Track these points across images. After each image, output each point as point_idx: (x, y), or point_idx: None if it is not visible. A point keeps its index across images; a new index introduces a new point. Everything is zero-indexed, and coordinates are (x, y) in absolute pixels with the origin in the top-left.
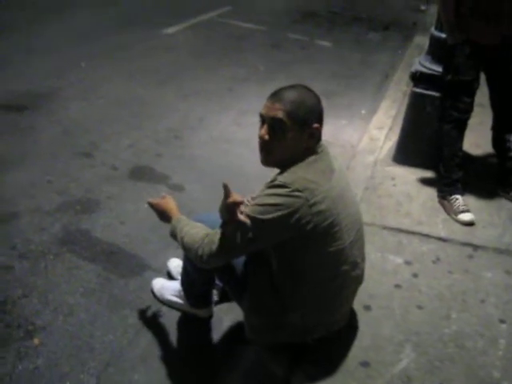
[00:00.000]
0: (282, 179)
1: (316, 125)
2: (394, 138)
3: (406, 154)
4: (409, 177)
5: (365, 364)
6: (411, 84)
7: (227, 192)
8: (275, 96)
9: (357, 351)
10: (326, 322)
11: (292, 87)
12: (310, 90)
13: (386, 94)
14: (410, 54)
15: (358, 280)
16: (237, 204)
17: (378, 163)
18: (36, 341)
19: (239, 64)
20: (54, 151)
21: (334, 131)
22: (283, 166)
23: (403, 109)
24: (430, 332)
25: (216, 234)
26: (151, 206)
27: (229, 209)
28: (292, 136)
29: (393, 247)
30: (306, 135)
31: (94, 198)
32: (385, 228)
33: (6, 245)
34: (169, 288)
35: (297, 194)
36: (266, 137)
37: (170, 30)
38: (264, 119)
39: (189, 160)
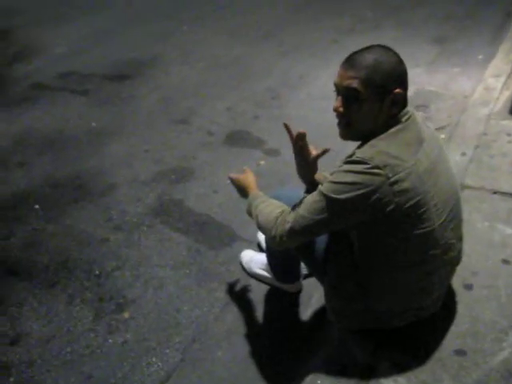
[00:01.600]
0: (360, 154)
1: (398, 89)
2: None
3: None
4: None
5: (460, 352)
6: None
7: (289, 131)
8: (348, 62)
9: (451, 337)
10: (414, 307)
11: (366, 49)
12: (388, 50)
13: (506, 35)
14: None
15: (453, 262)
16: (301, 136)
17: (493, 116)
18: (126, 314)
19: (343, 13)
20: (152, 119)
21: (446, 81)
22: (364, 139)
23: None
24: None
25: (289, 214)
26: (231, 181)
27: (298, 145)
28: (370, 106)
29: (504, 215)
30: (386, 103)
31: (189, 166)
32: (496, 193)
33: (104, 217)
34: (257, 261)
35: (376, 171)
36: (341, 109)
37: None
38: (338, 89)
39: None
